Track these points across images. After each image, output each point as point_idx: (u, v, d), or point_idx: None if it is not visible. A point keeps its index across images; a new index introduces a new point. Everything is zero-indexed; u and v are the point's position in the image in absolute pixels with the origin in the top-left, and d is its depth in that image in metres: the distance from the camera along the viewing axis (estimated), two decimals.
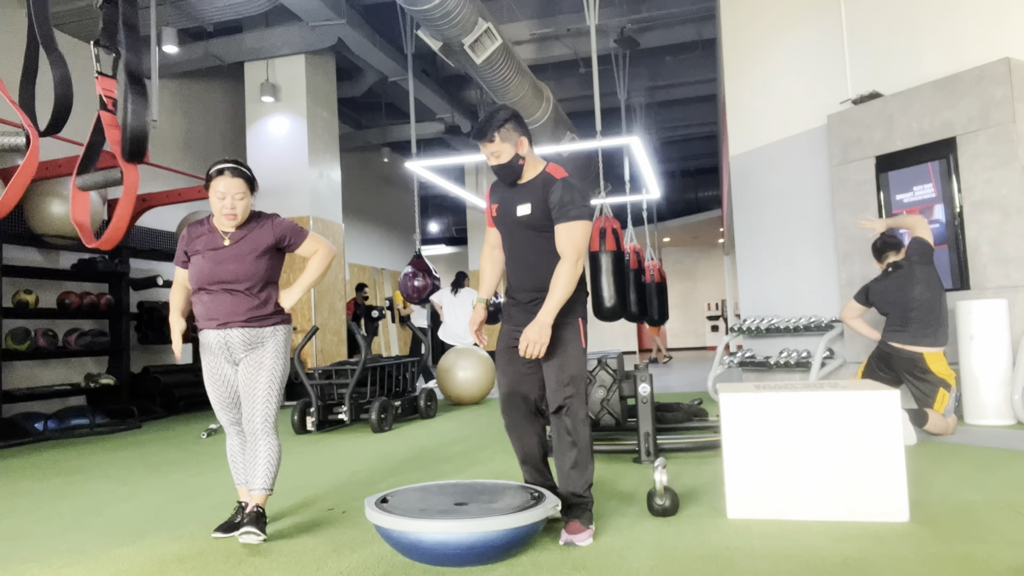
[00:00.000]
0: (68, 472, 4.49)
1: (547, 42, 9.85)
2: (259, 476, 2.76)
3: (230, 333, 2.76)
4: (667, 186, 16.45)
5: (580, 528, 2.47)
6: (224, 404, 2.85)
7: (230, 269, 2.75)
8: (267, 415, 2.78)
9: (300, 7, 7.81)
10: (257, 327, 2.78)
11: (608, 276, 5.92)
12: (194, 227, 2.86)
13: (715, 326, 20.58)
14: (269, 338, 2.81)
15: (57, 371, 7.42)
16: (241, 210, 2.77)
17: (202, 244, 2.80)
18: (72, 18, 7.54)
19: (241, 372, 2.80)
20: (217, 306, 2.76)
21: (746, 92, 7.13)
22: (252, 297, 2.77)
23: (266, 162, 9.21)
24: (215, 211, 2.77)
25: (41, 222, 6.50)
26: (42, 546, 2.78)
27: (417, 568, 2.27)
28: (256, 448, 2.78)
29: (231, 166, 2.76)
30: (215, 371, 2.83)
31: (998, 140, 4.83)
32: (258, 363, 2.78)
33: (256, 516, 2.70)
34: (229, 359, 2.82)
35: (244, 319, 2.76)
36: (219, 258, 2.76)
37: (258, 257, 2.79)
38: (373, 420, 5.60)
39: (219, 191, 2.73)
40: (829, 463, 2.59)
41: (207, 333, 2.81)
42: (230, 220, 2.76)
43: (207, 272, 2.75)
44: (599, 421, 4.21)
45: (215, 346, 2.80)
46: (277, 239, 2.83)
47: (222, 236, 2.79)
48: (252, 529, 2.64)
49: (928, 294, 4.26)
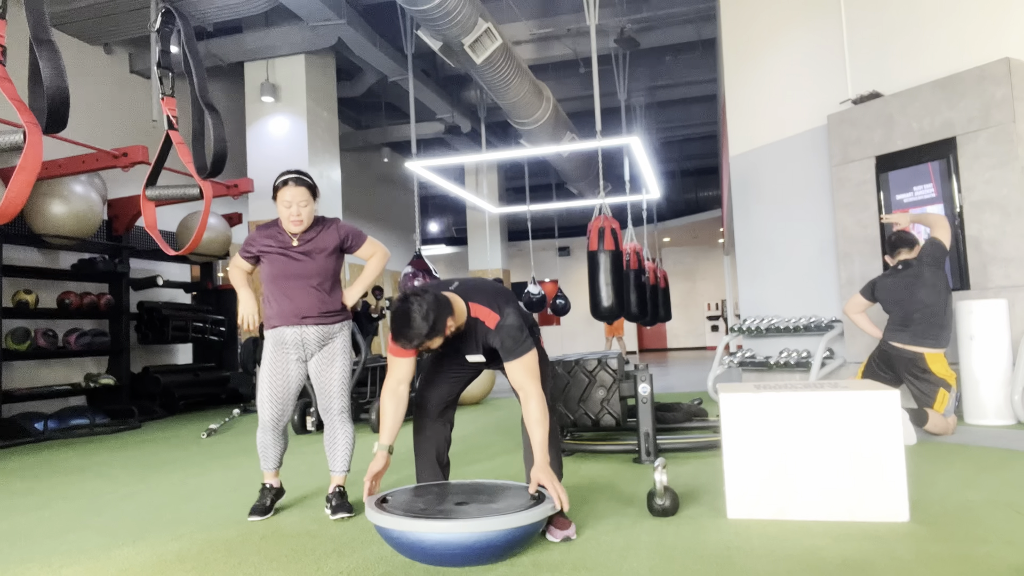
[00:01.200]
0: (68, 472, 4.49)
1: (547, 42, 9.85)
2: (339, 459, 3.08)
3: (307, 330, 3.01)
4: (667, 186, 16.46)
5: (567, 523, 2.52)
6: (276, 398, 3.05)
7: (304, 266, 2.99)
8: (343, 404, 3.10)
9: (300, 7, 7.81)
10: (330, 324, 3.05)
11: (606, 275, 5.92)
12: (263, 229, 3.08)
13: (715, 326, 20.58)
14: (338, 334, 3.10)
15: (57, 371, 7.42)
16: (306, 216, 2.99)
17: (273, 245, 3.02)
18: (72, 18, 7.55)
19: (314, 367, 3.07)
20: (295, 303, 2.99)
21: (746, 92, 7.12)
22: (324, 293, 3.03)
23: (266, 162, 9.22)
24: (283, 218, 3.00)
25: (41, 222, 6.50)
26: (42, 546, 2.78)
27: (417, 568, 2.27)
28: (335, 434, 3.09)
29: (294, 176, 2.98)
30: (279, 367, 3.03)
31: (998, 140, 4.83)
32: (330, 358, 3.07)
33: (341, 495, 3.03)
34: (301, 355, 3.05)
35: (319, 315, 3.01)
36: (293, 256, 3.00)
37: (327, 256, 3.04)
38: (373, 420, 5.60)
39: (285, 200, 2.95)
40: (829, 463, 2.59)
41: (283, 330, 3.01)
42: (297, 225, 2.98)
43: (283, 269, 2.99)
44: (599, 421, 4.21)
45: (290, 342, 3.02)
46: (341, 240, 3.08)
47: (291, 238, 3.02)
48: (343, 514, 2.95)
49: (933, 298, 4.25)
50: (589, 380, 4.12)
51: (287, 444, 3.19)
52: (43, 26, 3.01)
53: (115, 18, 7.64)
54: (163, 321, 8.00)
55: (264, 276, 3.05)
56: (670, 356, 17.47)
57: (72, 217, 6.59)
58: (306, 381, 3.18)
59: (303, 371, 3.09)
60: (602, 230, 5.96)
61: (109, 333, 7.59)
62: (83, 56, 8.05)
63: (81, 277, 7.43)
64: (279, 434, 3.11)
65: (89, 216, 6.75)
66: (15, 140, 2.88)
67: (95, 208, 6.85)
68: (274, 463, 3.12)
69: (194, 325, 8.41)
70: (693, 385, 8.50)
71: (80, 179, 6.73)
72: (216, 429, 6.03)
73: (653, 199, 12.29)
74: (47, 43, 3.02)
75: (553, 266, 20.79)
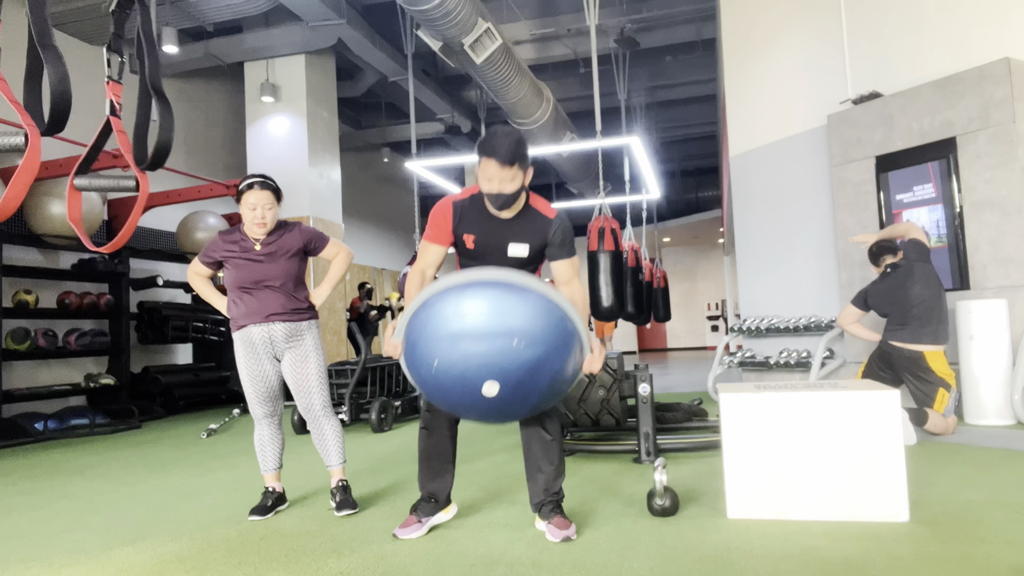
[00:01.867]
0: (68, 472, 4.49)
1: (547, 42, 9.85)
2: (333, 453, 3.11)
3: (274, 327, 3.02)
4: (667, 186, 16.45)
5: (567, 523, 2.52)
6: (261, 398, 3.08)
7: (268, 269, 3.01)
8: (324, 400, 3.10)
9: (300, 7, 7.81)
10: (297, 320, 3.06)
11: (606, 276, 5.92)
12: (225, 235, 3.09)
13: (715, 326, 20.59)
14: (307, 331, 3.09)
15: (57, 371, 7.42)
16: (270, 219, 3.02)
17: (236, 250, 3.03)
18: (72, 18, 7.55)
19: (288, 366, 3.07)
20: (261, 302, 3.01)
21: (746, 92, 7.12)
22: (289, 293, 3.05)
23: (266, 162, 9.21)
24: (246, 221, 3.01)
25: (41, 222, 6.50)
26: (42, 546, 2.78)
27: (417, 568, 2.27)
28: (323, 431, 3.11)
29: (259, 180, 3.00)
30: (254, 368, 3.05)
31: (998, 140, 4.83)
32: (303, 356, 3.07)
33: (344, 489, 3.06)
34: (271, 353, 3.05)
35: (286, 313, 3.02)
36: (256, 260, 3.02)
37: (290, 258, 3.06)
38: (373, 420, 5.60)
39: (250, 203, 2.97)
40: (829, 463, 2.59)
41: (250, 330, 3.02)
42: (260, 228, 3.00)
43: (247, 274, 3.00)
44: (599, 421, 4.21)
45: (258, 341, 3.02)
46: (304, 243, 3.10)
47: (253, 243, 3.03)
48: (348, 511, 2.99)
49: (928, 292, 4.27)
50: (589, 380, 4.12)
51: (284, 442, 3.19)
52: (47, 31, 3.02)
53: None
54: (163, 321, 8.00)
55: (228, 281, 3.05)
56: (670, 356, 17.47)
57: None
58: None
59: (278, 367, 3.10)
60: (602, 230, 5.95)
61: (109, 333, 7.59)
62: (83, 56, 8.05)
63: (81, 277, 7.43)
64: (275, 428, 3.13)
65: (89, 216, 6.75)
66: (16, 142, 2.89)
67: (95, 208, 6.85)
68: (274, 463, 3.13)
69: (194, 325, 8.42)
70: (693, 385, 8.50)
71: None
72: (216, 429, 6.03)
73: (653, 199, 12.30)
74: (51, 48, 3.03)
75: None
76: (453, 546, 2.49)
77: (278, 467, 3.14)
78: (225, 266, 3.07)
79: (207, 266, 3.11)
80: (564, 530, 2.48)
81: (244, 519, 3.02)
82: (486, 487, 3.40)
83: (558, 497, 2.60)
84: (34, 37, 3.05)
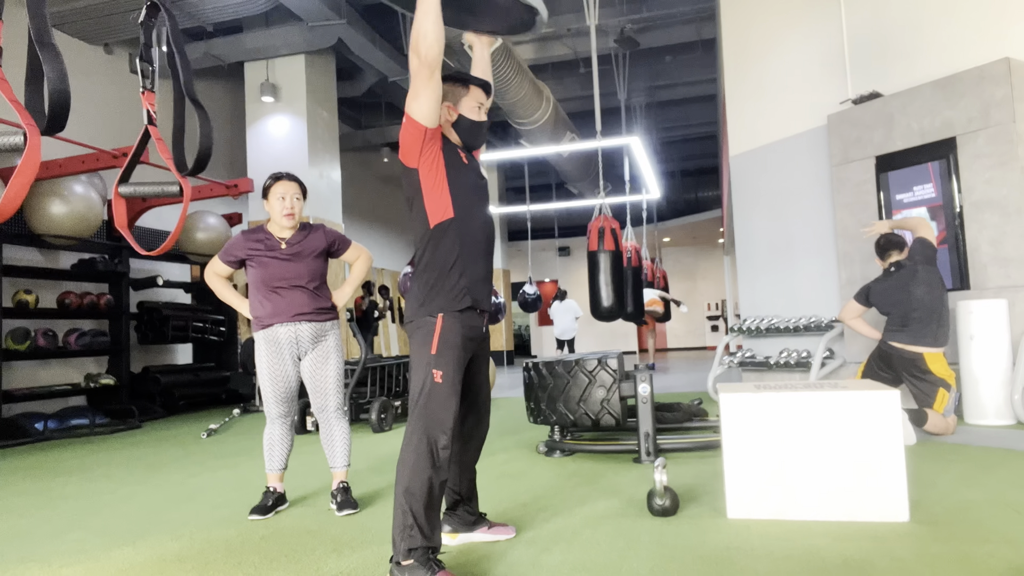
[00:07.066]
0: (68, 472, 4.49)
1: (547, 42, 9.85)
2: (339, 455, 3.13)
3: (300, 327, 3.05)
4: (667, 186, 16.45)
5: (506, 527, 2.57)
6: (279, 398, 3.09)
7: (295, 268, 3.04)
8: (339, 402, 3.14)
9: (300, 7, 7.81)
10: (322, 320, 3.10)
11: (606, 275, 5.92)
12: (248, 234, 3.10)
13: (715, 326, 20.59)
14: (330, 332, 3.15)
15: (57, 371, 7.42)
16: (298, 210, 3.07)
17: (262, 248, 3.05)
18: (72, 18, 7.55)
19: (308, 365, 3.10)
20: (289, 302, 3.03)
21: (746, 92, 7.12)
22: (315, 293, 3.09)
23: (266, 162, 9.21)
24: (275, 213, 3.04)
25: (41, 222, 6.50)
26: (42, 546, 2.78)
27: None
28: (332, 432, 3.14)
29: (286, 172, 3.10)
30: (276, 368, 3.06)
31: (998, 140, 4.83)
32: (324, 356, 3.10)
33: (345, 491, 3.08)
34: (295, 353, 3.08)
35: (312, 312, 3.06)
36: (282, 259, 3.04)
37: (315, 258, 3.10)
38: (373, 420, 5.60)
39: (278, 193, 3.04)
40: (829, 463, 2.59)
41: (276, 329, 3.04)
42: (289, 219, 3.04)
43: (274, 272, 3.03)
44: (599, 421, 4.21)
45: (284, 341, 3.04)
46: (328, 244, 3.15)
47: (279, 241, 3.06)
48: (348, 510, 2.99)
49: (930, 295, 4.26)
50: (589, 380, 4.12)
51: (293, 444, 3.20)
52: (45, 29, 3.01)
53: (115, 18, 7.65)
54: (163, 321, 8.00)
55: (253, 279, 3.07)
56: (670, 356, 17.47)
57: (72, 217, 6.59)
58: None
59: (298, 368, 3.12)
60: (602, 230, 5.96)
61: (109, 333, 7.58)
62: (83, 56, 8.05)
63: (81, 277, 7.42)
64: (287, 429, 3.14)
65: (89, 216, 6.75)
66: (15, 142, 2.89)
67: (95, 208, 6.85)
68: (280, 463, 3.13)
69: (194, 325, 8.41)
70: (693, 385, 8.50)
71: (80, 179, 6.73)
72: (216, 429, 6.03)
73: (653, 199, 12.29)
74: (49, 46, 3.02)
75: (553, 266, 20.79)
76: (453, 546, 2.48)
77: (283, 468, 3.15)
78: (248, 265, 3.08)
79: (228, 265, 3.12)
80: (503, 531, 2.56)
81: (244, 519, 3.02)
82: (486, 487, 3.39)
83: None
84: (32, 35, 3.05)
